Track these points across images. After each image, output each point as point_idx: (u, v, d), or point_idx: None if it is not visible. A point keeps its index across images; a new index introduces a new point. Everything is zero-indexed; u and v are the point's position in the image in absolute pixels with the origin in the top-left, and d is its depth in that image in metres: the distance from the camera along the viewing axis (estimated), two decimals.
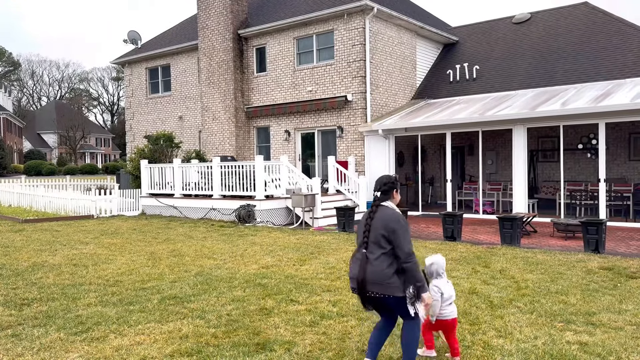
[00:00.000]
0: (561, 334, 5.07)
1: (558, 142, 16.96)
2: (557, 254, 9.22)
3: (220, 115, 20.37)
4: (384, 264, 3.92)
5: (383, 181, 4.12)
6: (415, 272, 3.87)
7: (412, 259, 3.84)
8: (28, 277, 7.87)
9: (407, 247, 3.86)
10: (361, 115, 17.36)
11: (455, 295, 4.63)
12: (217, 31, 20.22)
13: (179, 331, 5.28)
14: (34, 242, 11.40)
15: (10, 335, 5.23)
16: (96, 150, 76.58)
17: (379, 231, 3.95)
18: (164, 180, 17.14)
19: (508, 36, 20.05)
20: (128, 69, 25.25)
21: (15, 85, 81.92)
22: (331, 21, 17.91)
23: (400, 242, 3.88)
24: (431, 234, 12.18)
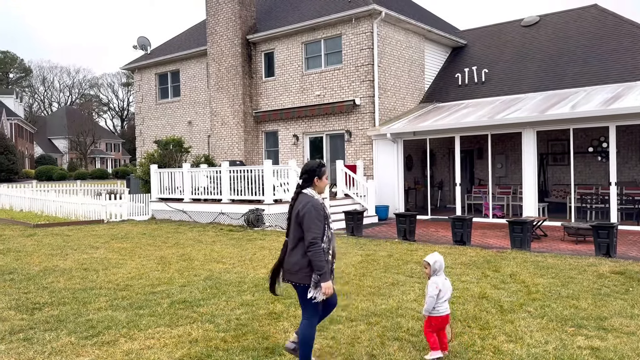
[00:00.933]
0: (572, 339, 5.02)
1: (568, 145, 16.84)
2: (567, 258, 9.14)
3: (229, 120, 20.45)
4: (299, 253, 4.02)
5: (305, 169, 4.21)
6: (316, 260, 3.90)
7: (314, 247, 3.88)
8: (39, 281, 7.93)
9: (311, 234, 3.90)
10: (369, 119, 17.36)
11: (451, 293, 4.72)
12: (226, 37, 20.33)
13: (189, 335, 5.30)
14: (45, 246, 11.49)
15: (22, 339, 5.28)
16: (106, 155, 77.13)
17: (295, 219, 4.08)
18: (174, 185, 17.22)
19: (517, 39, 19.98)
20: (138, 74, 25.45)
21: (26, 91, 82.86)
22: (339, 26, 17.95)
23: (306, 228, 3.94)
24: (440, 238, 12.14)
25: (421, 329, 5.34)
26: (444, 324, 4.61)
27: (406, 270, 8.32)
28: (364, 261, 9.19)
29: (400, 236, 11.82)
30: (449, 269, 8.36)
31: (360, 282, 7.51)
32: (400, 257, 9.56)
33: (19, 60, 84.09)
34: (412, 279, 7.68)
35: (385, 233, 13.18)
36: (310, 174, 4.15)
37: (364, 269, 8.47)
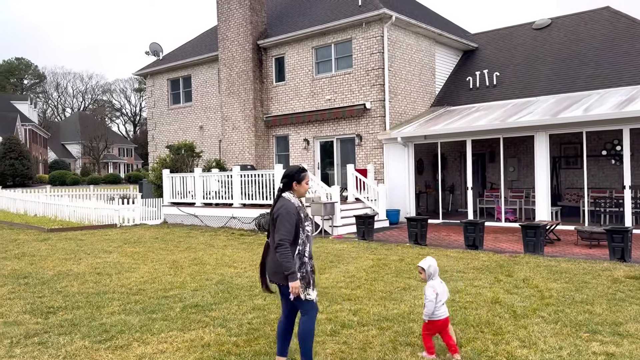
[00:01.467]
0: (587, 345, 4.97)
1: (581, 148, 16.69)
2: (581, 263, 9.05)
3: (240, 125, 20.55)
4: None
5: (285, 173, 4.37)
6: (283, 261, 4.05)
7: (280, 248, 4.03)
8: (53, 285, 8.02)
9: (279, 235, 4.07)
10: (380, 123, 17.35)
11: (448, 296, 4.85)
12: (237, 42, 20.46)
13: (201, 340, 5.32)
14: (59, 251, 11.61)
15: (37, 343, 5.33)
16: (119, 160, 77.82)
17: (272, 221, 4.28)
18: (186, 189, 17.33)
19: (528, 42, 19.87)
20: (150, 80, 25.67)
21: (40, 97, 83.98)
22: (349, 30, 17.98)
23: (277, 230, 4.13)
24: (452, 242, 12.07)
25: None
26: (444, 327, 4.70)
27: (418, 275, 8.29)
28: (375, 265, 9.18)
29: (412, 240, 11.78)
30: (461, 274, 8.31)
31: (372, 287, 7.50)
32: (412, 261, 9.53)
33: (33, 67, 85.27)
34: (424, 284, 7.63)
35: (396, 237, 13.15)
36: (289, 178, 4.30)
37: (376, 274, 8.46)
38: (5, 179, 42.57)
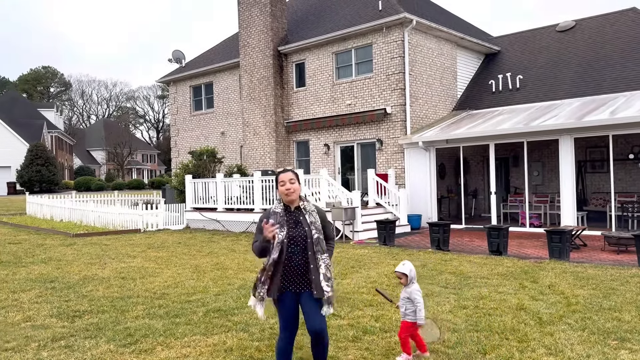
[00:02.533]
0: (615, 353, 4.86)
1: (607, 152, 16.36)
2: (609, 269, 8.86)
3: (261, 130, 20.68)
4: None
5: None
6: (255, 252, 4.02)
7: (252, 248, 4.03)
8: (79, 289, 8.15)
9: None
10: (401, 128, 17.27)
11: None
12: (258, 48, 20.62)
13: (224, 344, 5.35)
14: (84, 255, 11.81)
15: (64, 346, 5.42)
16: (142, 166, 78.97)
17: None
18: (208, 195, 17.49)
19: (552, 45, 19.60)
20: (173, 87, 26.03)
21: (66, 104, 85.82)
22: (370, 35, 17.97)
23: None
24: (475, 248, 11.93)
25: (457, 341, 5.26)
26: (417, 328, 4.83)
27: (440, 281, 8.21)
28: None
29: (434, 246, 11.68)
30: (485, 280, 8.21)
31: (394, 292, 7.44)
32: (434, 267, 9.44)
33: (59, 75, 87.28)
34: (446, 290, 7.56)
35: (418, 242, 13.05)
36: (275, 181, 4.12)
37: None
38: (32, 185, 43.55)
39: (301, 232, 3.92)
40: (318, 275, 3.88)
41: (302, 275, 3.92)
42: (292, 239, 3.90)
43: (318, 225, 3.99)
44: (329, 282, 3.89)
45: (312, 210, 4.04)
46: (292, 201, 3.99)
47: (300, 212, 4.02)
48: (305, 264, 3.91)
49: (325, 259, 3.92)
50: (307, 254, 3.90)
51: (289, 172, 4.01)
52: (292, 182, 3.97)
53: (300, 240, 3.91)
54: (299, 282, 3.93)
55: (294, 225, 3.94)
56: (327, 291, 3.86)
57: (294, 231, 3.91)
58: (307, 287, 3.93)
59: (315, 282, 3.87)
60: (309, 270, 3.90)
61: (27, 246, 13.59)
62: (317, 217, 4.03)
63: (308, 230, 3.93)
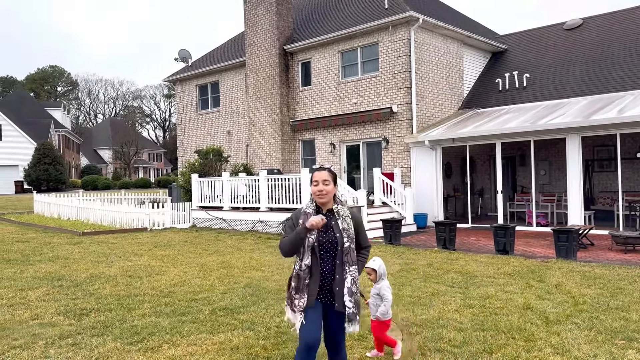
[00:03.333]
0: (623, 352, 4.83)
1: (615, 151, 16.26)
2: (616, 268, 8.80)
3: (267, 129, 20.70)
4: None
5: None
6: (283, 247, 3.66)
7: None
8: (86, 288, 8.20)
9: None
10: (407, 127, 17.23)
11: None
12: (264, 47, 20.63)
13: (230, 342, 5.36)
14: (91, 254, 11.87)
15: (71, 344, 5.45)
16: (149, 165, 79.23)
17: None
18: (214, 194, 17.52)
19: (559, 43, 19.49)
20: (179, 86, 26.10)
21: (73, 103, 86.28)
22: (376, 33, 17.94)
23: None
24: (481, 247, 11.89)
25: (464, 340, 5.25)
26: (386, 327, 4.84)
27: (447, 280, 8.19)
28: (402, 270, 9.10)
29: (440, 245, 11.65)
30: (491, 279, 8.18)
31: (400, 292, 7.44)
32: (440, 266, 9.42)
33: (66, 74, 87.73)
34: (453, 289, 7.55)
35: (424, 242, 13.02)
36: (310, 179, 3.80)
37: (403, 278, 8.39)
38: (40, 183, 43.81)
39: (331, 238, 3.60)
40: (342, 288, 3.58)
41: (329, 285, 3.64)
42: (321, 244, 3.60)
43: (351, 232, 3.64)
44: (352, 297, 3.57)
45: (346, 215, 3.69)
46: (325, 203, 3.66)
47: (333, 215, 3.69)
48: (333, 274, 3.61)
49: (353, 271, 3.59)
50: (335, 262, 3.61)
51: (324, 172, 3.65)
52: (325, 184, 3.62)
53: (330, 247, 3.60)
54: (328, 293, 3.64)
55: (324, 230, 3.62)
56: (349, 307, 3.57)
57: (324, 236, 3.60)
58: (332, 300, 3.64)
59: (338, 295, 3.58)
60: (334, 280, 3.61)
61: (35, 244, 13.67)
62: (350, 223, 3.68)
63: (339, 236, 3.60)
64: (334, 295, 3.61)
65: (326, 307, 3.67)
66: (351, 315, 3.59)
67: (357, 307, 3.61)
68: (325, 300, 3.64)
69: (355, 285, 3.59)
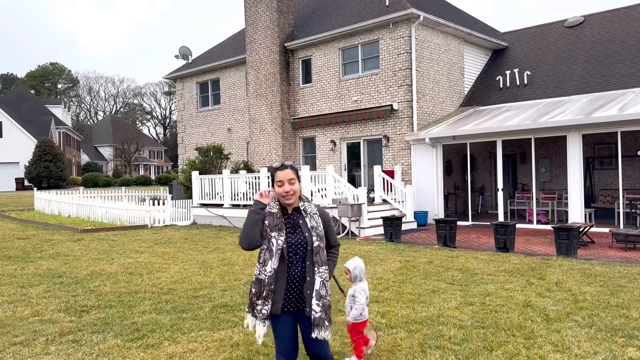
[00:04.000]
0: (623, 350, 4.83)
1: (616, 148, 16.25)
2: (617, 266, 8.80)
3: (267, 127, 20.69)
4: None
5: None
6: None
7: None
8: (87, 284, 8.21)
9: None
10: (407, 124, 17.22)
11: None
12: (264, 45, 20.61)
13: (230, 339, 5.37)
14: (92, 251, 11.88)
15: (71, 340, 5.46)
16: (149, 162, 79.25)
17: None
18: (214, 191, 17.53)
19: (560, 40, 19.45)
20: (180, 83, 26.08)
21: (74, 101, 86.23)
22: (376, 31, 17.91)
23: None
24: (482, 244, 11.89)
25: (464, 337, 5.25)
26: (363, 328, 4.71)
27: (447, 278, 8.20)
28: (403, 267, 9.11)
29: (441, 242, 11.65)
30: (491, 277, 8.18)
31: (400, 289, 7.44)
32: (441, 263, 9.42)
33: (67, 72, 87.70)
34: (453, 287, 7.55)
35: (424, 239, 13.02)
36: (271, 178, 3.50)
37: (404, 276, 8.39)
38: (40, 180, 43.83)
39: (300, 239, 3.36)
40: (312, 291, 3.34)
41: (299, 289, 3.38)
42: (290, 245, 3.35)
43: (320, 231, 3.41)
44: (320, 300, 3.32)
45: (314, 212, 3.46)
46: (291, 204, 3.43)
47: (300, 214, 3.46)
48: (303, 277, 3.38)
49: (323, 272, 3.35)
50: (304, 264, 3.37)
51: (288, 170, 3.39)
52: (292, 183, 3.38)
53: (299, 248, 3.36)
54: (298, 297, 3.39)
55: (292, 230, 3.39)
56: (316, 311, 3.31)
57: (292, 237, 3.36)
58: (303, 304, 3.40)
59: (309, 299, 3.34)
60: (304, 283, 3.37)
61: (35, 241, 13.68)
62: (319, 220, 3.45)
63: (308, 236, 3.37)
64: (304, 300, 3.39)
65: (297, 313, 3.43)
66: (317, 320, 3.31)
67: (325, 311, 3.34)
68: (295, 306, 3.40)
69: (324, 287, 3.35)
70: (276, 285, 3.34)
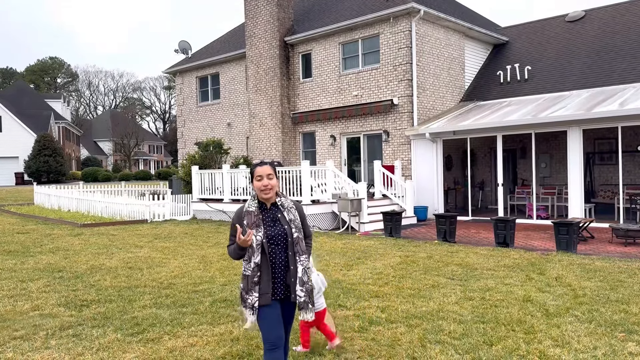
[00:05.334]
0: (623, 345, 4.83)
1: (616, 144, 16.23)
2: (616, 261, 8.81)
3: (267, 122, 20.65)
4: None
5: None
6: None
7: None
8: (87, 279, 8.21)
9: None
10: (407, 119, 17.19)
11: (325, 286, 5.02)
12: (264, 39, 20.54)
13: (230, 334, 5.37)
14: (92, 245, 11.88)
15: (71, 335, 5.47)
16: (149, 157, 79.19)
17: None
18: (214, 186, 17.52)
19: (561, 35, 19.40)
20: (179, 78, 26.02)
21: (73, 95, 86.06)
22: (377, 25, 17.85)
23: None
24: (482, 239, 11.90)
25: (463, 332, 5.26)
26: (321, 318, 4.85)
27: (447, 273, 8.20)
28: (403, 262, 9.11)
29: (440, 237, 11.66)
30: (491, 272, 8.19)
31: (400, 284, 7.45)
32: (441, 258, 9.43)
33: (66, 66, 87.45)
34: (453, 281, 7.55)
35: (424, 234, 13.03)
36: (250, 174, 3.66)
37: (403, 271, 8.39)
38: (40, 175, 43.80)
39: (280, 231, 3.56)
40: (295, 279, 3.56)
41: (282, 279, 3.58)
42: (271, 238, 3.54)
43: (298, 223, 3.63)
44: (303, 286, 3.56)
45: (291, 207, 3.67)
46: (269, 198, 3.60)
47: (278, 209, 3.65)
48: (286, 266, 3.58)
49: (303, 260, 3.58)
50: (287, 254, 3.58)
51: (267, 166, 3.58)
52: (270, 178, 3.56)
53: (280, 240, 3.56)
54: (281, 286, 3.58)
55: (272, 224, 3.58)
56: (300, 296, 3.55)
57: (272, 230, 3.55)
58: (287, 292, 3.60)
59: (293, 286, 3.56)
60: (288, 272, 3.57)
61: (35, 236, 13.68)
62: (296, 214, 3.66)
63: (288, 228, 3.57)
64: (288, 288, 3.58)
65: (281, 302, 3.63)
66: (302, 304, 3.58)
67: (309, 295, 3.61)
68: (281, 294, 3.58)
69: (306, 274, 3.60)
70: (261, 277, 3.52)
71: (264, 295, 3.51)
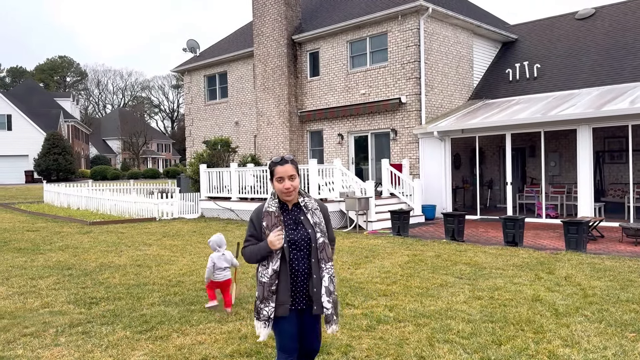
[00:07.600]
0: (633, 345, 4.79)
1: (626, 142, 16.09)
2: (626, 260, 8.73)
3: (275, 120, 20.66)
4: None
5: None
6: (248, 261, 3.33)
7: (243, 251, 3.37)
8: (96, 277, 8.26)
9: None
10: (415, 117, 17.13)
11: (234, 263, 6.38)
12: (272, 37, 20.55)
13: (238, 331, 5.38)
14: (101, 243, 11.95)
15: (81, 332, 5.50)
16: (157, 156, 79.50)
17: None
18: (222, 184, 17.56)
19: (571, 33, 19.24)
20: (187, 76, 26.09)
21: (82, 94, 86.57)
22: (385, 23, 17.80)
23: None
24: (490, 238, 11.84)
25: (472, 331, 5.24)
26: (223, 287, 6.16)
27: (455, 272, 8.17)
28: (410, 261, 9.09)
29: (448, 236, 11.61)
30: (500, 271, 8.14)
31: (408, 283, 7.43)
32: (449, 257, 9.39)
33: (75, 65, 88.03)
34: (461, 281, 7.52)
35: (432, 233, 12.98)
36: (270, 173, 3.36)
37: (411, 269, 8.37)
38: (50, 173, 44.13)
39: (304, 234, 3.25)
40: (320, 289, 3.23)
41: (304, 287, 3.26)
42: (293, 242, 3.23)
43: (323, 227, 3.30)
44: (330, 296, 3.24)
45: (315, 207, 3.34)
46: (291, 201, 3.34)
47: (301, 210, 3.35)
48: (308, 274, 3.26)
49: (329, 268, 3.26)
50: (310, 261, 3.25)
51: (289, 165, 3.27)
52: (292, 179, 3.26)
53: (303, 245, 3.24)
54: (302, 296, 3.27)
55: (294, 227, 3.27)
56: (327, 308, 3.23)
57: (294, 233, 3.25)
58: (309, 303, 3.29)
59: (316, 297, 3.23)
60: (310, 281, 3.25)
61: (45, 234, 13.78)
62: (321, 216, 3.33)
63: (312, 232, 3.26)
64: (310, 298, 3.27)
65: (301, 312, 3.32)
66: (329, 317, 3.26)
67: (335, 306, 3.31)
68: (301, 304, 3.28)
69: (332, 283, 3.28)
70: (280, 285, 3.22)
71: (281, 306, 3.21)
